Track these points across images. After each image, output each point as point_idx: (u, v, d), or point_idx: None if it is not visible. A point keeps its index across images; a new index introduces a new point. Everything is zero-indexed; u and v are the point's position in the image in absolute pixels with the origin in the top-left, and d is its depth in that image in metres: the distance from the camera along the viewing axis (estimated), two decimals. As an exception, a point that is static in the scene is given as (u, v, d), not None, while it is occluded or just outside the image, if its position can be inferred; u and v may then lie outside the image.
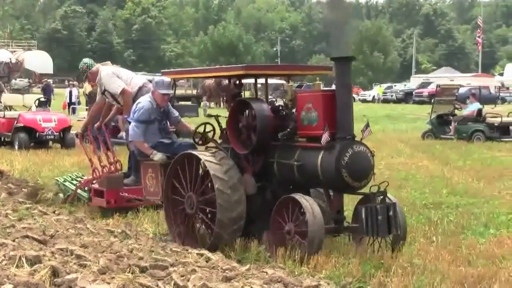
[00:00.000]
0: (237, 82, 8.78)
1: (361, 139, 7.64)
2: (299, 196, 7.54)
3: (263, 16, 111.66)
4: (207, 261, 7.40)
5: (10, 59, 49.50)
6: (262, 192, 8.31)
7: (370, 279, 6.60)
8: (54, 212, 10.62)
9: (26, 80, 46.94)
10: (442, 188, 12.19)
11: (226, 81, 9.55)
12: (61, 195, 11.44)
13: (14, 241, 7.72)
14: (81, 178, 11.68)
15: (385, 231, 7.40)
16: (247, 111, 8.24)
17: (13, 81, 44.41)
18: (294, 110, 8.16)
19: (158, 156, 8.88)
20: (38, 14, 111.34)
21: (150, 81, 11.70)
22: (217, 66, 10.94)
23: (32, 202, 11.03)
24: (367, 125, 7.78)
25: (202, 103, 40.07)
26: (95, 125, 11.25)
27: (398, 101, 56.55)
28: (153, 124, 9.27)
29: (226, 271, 6.85)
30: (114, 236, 8.96)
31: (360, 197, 7.87)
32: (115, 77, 10.73)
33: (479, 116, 22.58)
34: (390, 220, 7.40)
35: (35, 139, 19.59)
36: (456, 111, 24.16)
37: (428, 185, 12.50)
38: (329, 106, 7.68)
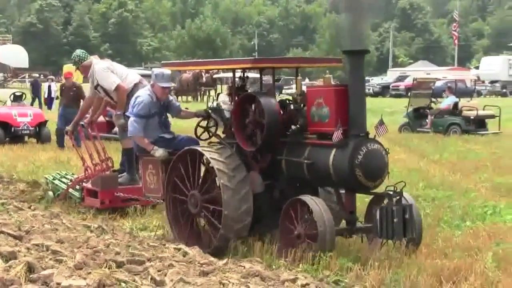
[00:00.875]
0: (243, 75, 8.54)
1: (375, 136, 7.46)
2: (307, 198, 7.33)
3: (241, 10, 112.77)
4: (184, 256, 7.40)
5: None
6: (270, 190, 8.10)
7: (347, 272, 6.66)
8: (29, 207, 10.53)
9: (1, 74, 46.68)
10: (418, 181, 12.38)
11: (206, 75, 9.54)
12: (50, 193, 11.24)
13: (-12, 237, 7.46)
14: (71, 176, 11.55)
15: (401, 234, 7.20)
16: (253, 106, 7.94)
17: None
18: (303, 106, 7.89)
19: (159, 152, 8.61)
20: (13, 7, 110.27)
21: (143, 75, 11.60)
22: (224, 59, 10.88)
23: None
24: (381, 122, 7.56)
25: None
26: (85, 120, 11.03)
27: (375, 94, 56.71)
28: (153, 119, 8.96)
29: (204, 266, 6.89)
30: (91, 231, 8.86)
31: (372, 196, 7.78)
32: (109, 72, 10.34)
33: (455, 109, 23.10)
34: (406, 222, 7.21)
35: (10, 134, 19.43)
36: (433, 105, 24.68)
37: (404, 178, 12.61)
38: (342, 101, 7.43)
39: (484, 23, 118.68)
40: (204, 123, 8.73)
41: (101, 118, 22.71)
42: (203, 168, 8.37)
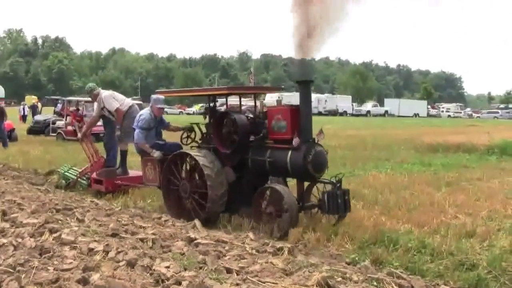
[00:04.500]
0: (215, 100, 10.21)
1: (317, 141, 8.68)
2: (277, 185, 8.62)
3: (130, 64, 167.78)
4: (96, 205, 10.22)
5: None
6: (239, 180, 9.40)
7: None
8: (4, 178, 13.31)
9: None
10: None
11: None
12: (63, 181, 13.21)
13: (-23, 195, 10.13)
14: (74, 169, 13.58)
15: (343, 210, 8.51)
16: (228, 120, 9.30)
17: None
18: (264, 120, 9.17)
19: (156, 153, 10.24)
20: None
21: (139, 104, 14.46)
22: (207, 87, 12.02)
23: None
24: (321, 131, 8.68)
25: None
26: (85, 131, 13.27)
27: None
28: (151, 130, 10.67)
29: (107, 210, 9.68)
30: (40, 192, 11.58)
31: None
32: (112, 98, 12.67)
33: None
34: (346, 202, 8.51)
35: None
36: None
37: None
38: (295, 117, 8.64)
39: (268, 75, 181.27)
40: (187, 133, 10.46)
41: (70, 127, 26.87)
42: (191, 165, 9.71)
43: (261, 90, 11.91)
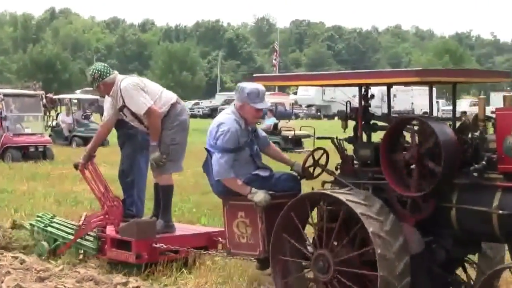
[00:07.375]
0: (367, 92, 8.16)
1: None
2: None
3: (80, 36, 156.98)
4: (21, 263, 9.61)
5: None
6: (429, 250, 7.59)
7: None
8: None
9: None
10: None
11: (46, 96, 10.66)
12: (45, 244, 10.90)
13: None
14: (59, 221, 11.29)
15: None
16: (410, 135, 7.60)
17: None
18: (487, 136, 7.39)
19: (260, 195, 8.09)
20: None
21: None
22: (378, 70, 8.62)
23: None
24: None
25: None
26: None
27: (204, 116, 77.43)
28: (243, 151, 8.52)
29: (40, 272, 9.04)
30: None
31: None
32: (140, 91, 10.14)
33: (275, 130, 33.48)
34: None
35: None
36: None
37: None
38: None
39: (302, 53, 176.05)
40: (311, 159, 8.51)
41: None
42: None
43: (474, 77, 8.98)
